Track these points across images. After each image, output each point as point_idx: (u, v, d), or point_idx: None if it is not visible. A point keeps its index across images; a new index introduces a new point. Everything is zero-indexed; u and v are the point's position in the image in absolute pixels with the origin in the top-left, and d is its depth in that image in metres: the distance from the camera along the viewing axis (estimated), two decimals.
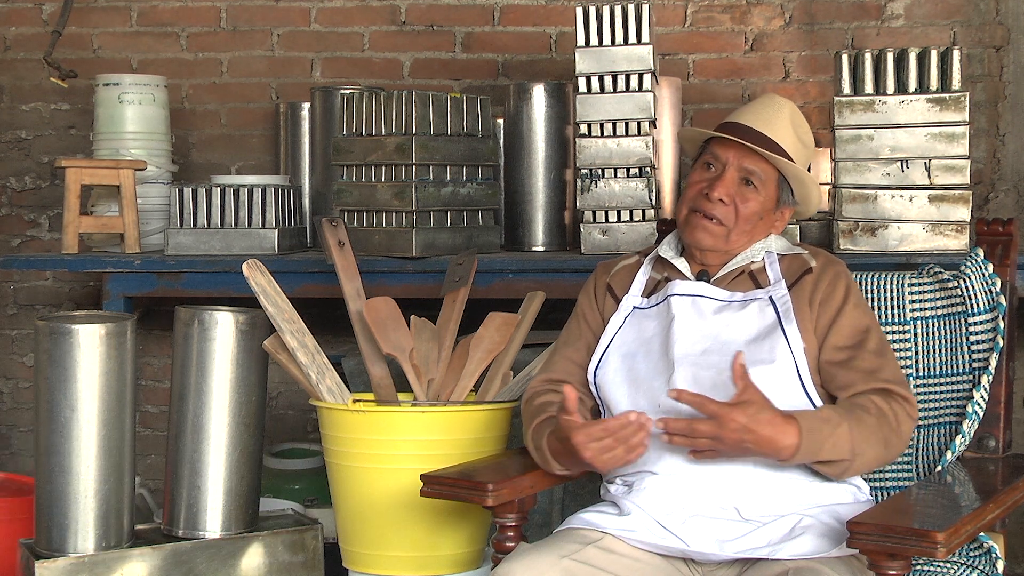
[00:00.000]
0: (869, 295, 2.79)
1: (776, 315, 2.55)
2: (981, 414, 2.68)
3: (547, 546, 2.40)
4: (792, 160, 2.64)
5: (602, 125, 3.64)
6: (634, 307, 2.69)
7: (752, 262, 2.65)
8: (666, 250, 2.72)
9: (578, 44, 3.64)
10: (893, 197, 3.50)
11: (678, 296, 2.62)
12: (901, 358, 2.75)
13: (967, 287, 2.72)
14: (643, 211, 3.64)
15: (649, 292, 2.70)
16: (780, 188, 2.66)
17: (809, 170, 2.73)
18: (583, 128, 3.66)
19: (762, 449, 2.36)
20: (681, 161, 4.02)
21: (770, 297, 2.58)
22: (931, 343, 2.76)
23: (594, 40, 3.63)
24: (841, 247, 3.51)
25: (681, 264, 2.68)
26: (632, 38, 3.61)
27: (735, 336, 2.55)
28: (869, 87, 3.53)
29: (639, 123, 3.63)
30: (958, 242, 3.47)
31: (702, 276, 2.66)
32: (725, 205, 2.61)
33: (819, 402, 2.50)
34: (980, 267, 2.73)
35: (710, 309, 2.60)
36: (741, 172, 2.62)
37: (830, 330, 2.54)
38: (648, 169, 3.64)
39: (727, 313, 2.59)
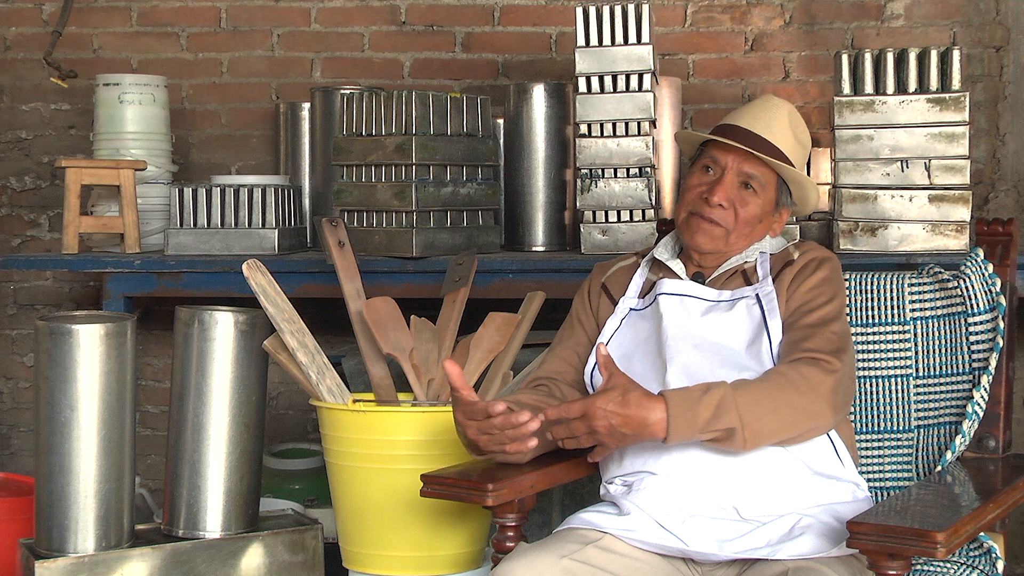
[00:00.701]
0: (869, 295, 2.79)
1: (761, 314, 2.56)
2: (981, 414, 2.68)
3: (547, 546, 2.40)
4: (791, 163, 2.64)
5: (602, 125, 3.64)
6: (630, 308, 2.69)
7: (746, 261, 2.65)
8: (661, 252, 2.72)
9: (578, 44, 3.64)
10: (893, 197, 3.50)
11: (666, 295, 2.62)
12: (901, 358, 2.75)
13: (967, 287, 2.72)
14: (643, 211, 3.64)
15: (645, 293, 2.71)
16: (779, 191, 2.66)
17: (809, 170, 2.74)
18: (583, 128, 3.66)
19: (635, 430, 2.35)
20: (681, 161, 4.02)
21: (756, 295, 2.58)
22: (931, 343, 2.76)
23: (594, 40, 3.63)
24: (841, 247, 3.51)
25: (676, 266, 2.68)
26: (632, 38, 3.61)
27: (723, 337, 2.56)
28: (869, 87, 3.53)
29: (639, 123, 3.63)
30: (958, 242, 3.48)
31: (697, 277, 2.66)
32: (725, 209, 2.61)
33: None
34: (980, 267, 2.73)
35: (698, 309, 2.60)
36: (740, 176, 2.62)
37: (787, 307, 2.56)
38: (648, 169, 3.64)
39: (715, 314, 2.59)
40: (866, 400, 2.77)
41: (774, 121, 2.64)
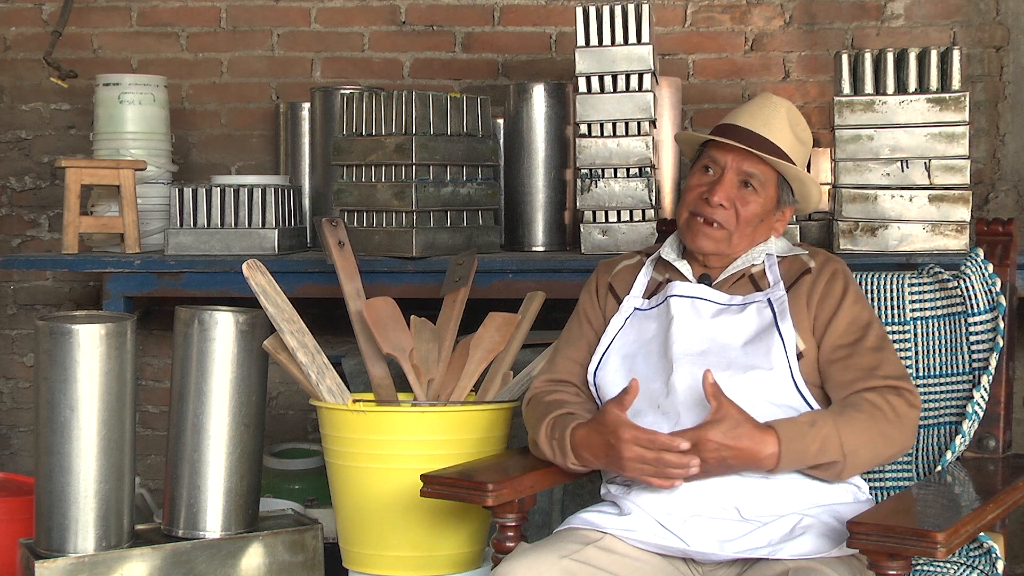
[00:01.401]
0: (869, 295, 2.79)
1: (773, 316, 2.55)
2: (981, 414, 2.68)
3: (547, 546, 2.40)
4: (791, 160, 2.64)
5: (602, 125, 3.64)
6: (635, 308, 2.69)
7: (752, 265, 2.65)
8: (668, 252, 2.72)
9: (578, 44, 3.64)
10: (893, 197, 3.50)
11: (677, 297, 2.62)
12: (901, 358, 2.75)
13: (967, 287, 2.72)
14: (643, 211, 3.64)
15: (650, 293, 2.70)
16: (780, 189, 2.66)
17: (809, 168, 2.73)
18: (583, 128, 3.66)
19: (744, 463, 2.37)
20: (681, 161, 4.02)
21: (768, 299, 2.58)
22: (931, 343, 2.76)
23: (594, 40, 3.63)
24: (841, 247, 3.51)
25: (683, 267, 2.68)
26: (632, 38, 3.61)
27: (733, 339, 2.55)
28: (869, 87, 3.53)
29: (639, 123, 3.63)
30: (958, 242, 3.47)
31: (703, 279, 2.66)
32: (725, 209, 2.61)
33: (815, 404, 2.50)
34: (980, 267, 2.73)
35: (709, 312, 2.60)
36: (740, 175, 2.62)
37: (828, 328, 2.55)
38: (648, 169, 3.64)
39: (725, 316, 2.59)
40: None
41: (773, 119, 2.64)
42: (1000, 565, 2.48)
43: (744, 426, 2.35)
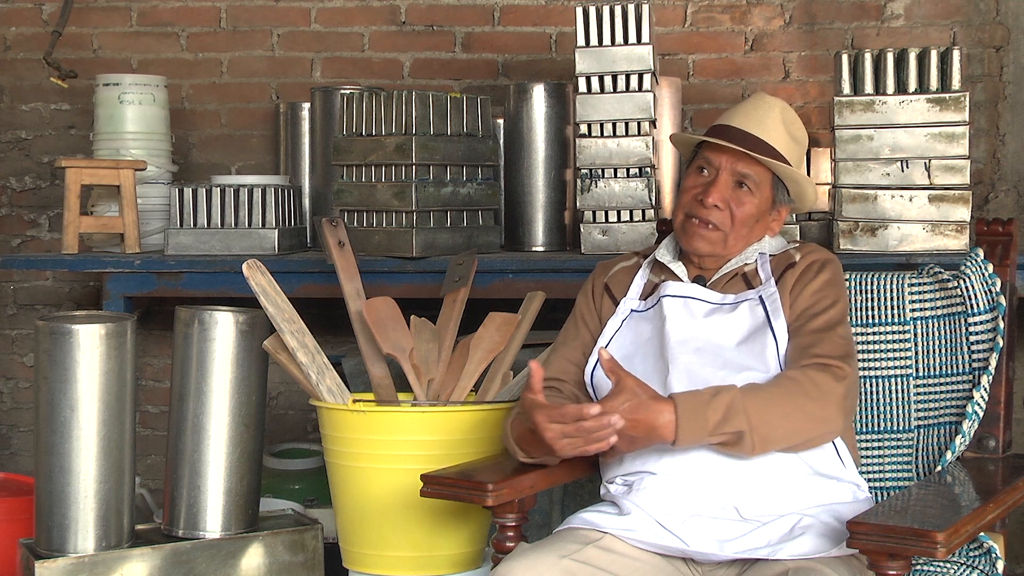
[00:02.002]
0: (869, 295, 2.79)
1: (765, 313, 2.56)
2: (981, 414, 2.68)
3: (547, 546, 2.40)
4: (786, 160, 2.64)
5: (602, 125, 3.64)
6: (632, 310, 2.69)
7: (745, 264, 2.65)
8: (663, 254, 2.72)
9: (578, 44, 3.64)
10: (893, 197, 3.50)
11: (670, 297, 2.62)
12: (901, 358, 2.75)
13: (967, 287, 2.72)
14: (643, 211, 3.64)
15: (646, 295, 2.71)
16: (775, 188, 2.66)
17: (809, 168, 2.73)
18: (583, 128, 3.66)
19: (644, 433, 2.36)
20: (681, 161, 4.01)
21: (760, 296, 2.59)
22: (931, 343, 2.76)
23: (594, 40, 3.63)
24: (841, 247, 3.51)
25: (678, 268, 2.68)
26: (632, 38, 3.61)
27: (726, 339, 2.56)
28: (869, 87, 3.53)
29: (639, 123, 3.63)
30: (958, 242, 3.47)
31: (698, 280, 2.66)
32: (720, 210, 2.61)
33: None
34: (980, 267, 2.73)
35: (701, 311, 2.60)
36: (735, 176, 2.62)
37: (791, 311, 2.55)
38: (648, 169, 3.64)
39: (718, 316, 2.59)
40: (866, 400, 2.78)
41: (766, 119, 2.64)
42: (1000, 565, 2.48)
43: (640, 397, 2.35)
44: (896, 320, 2.78)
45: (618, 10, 3.62)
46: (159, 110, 4.12)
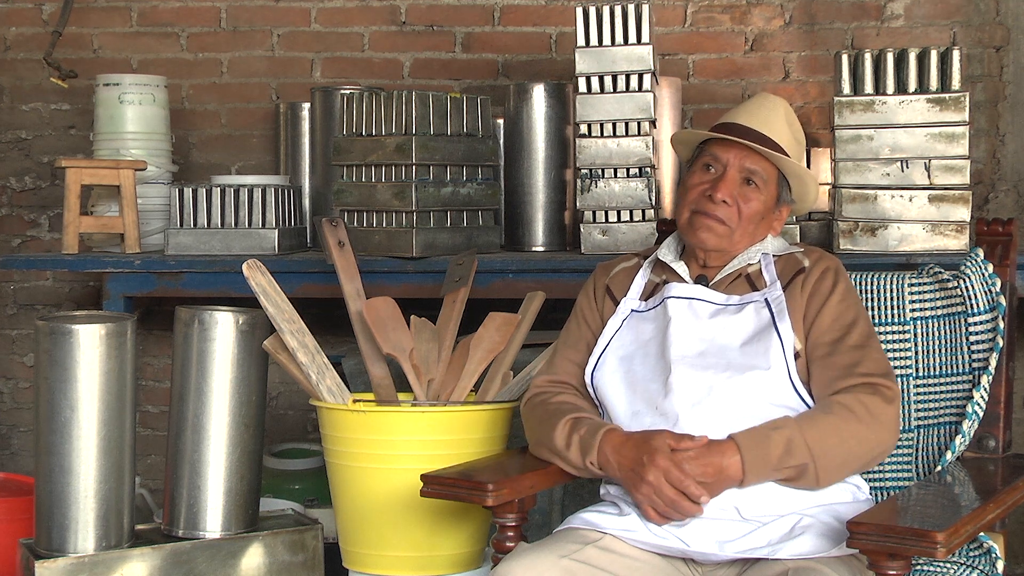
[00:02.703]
0: (869, 295, 2.79)
1: (770, 315, 2.55)
2: (981, 414, 2.68)
3: (547, 546, 2.40)
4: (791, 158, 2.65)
5: (602, 125, 3.64)
6: (632, 310, 2.69)
7: (749, 264, 2.65)
8: (665, 253, 2.72)
9: (578, 44, 3.64)
10: (893, 197, 3.50)
11: (674, 299, 2.62)
12: (901, 358, 2.75)
13: (967, 287, 2.72)
14: (643, 211, 3.64)
15: (647, 295, 2.71)
16: (779, 187, 2.67)
17: (809, 166, 2.73)
18: (583, 128, 3.66)
19: (715, 476, 2.38)
20: (681, 161, 4.02)
21: (765, 299, 2.58)
22: (931, 343, 2.76)
23: (594, 40, 3.63)
24: (841, 247, 3.51)
25: (680, 268, 2.68)
26: (632, 38, 3.61)
27: (731, 340, 2.55)
28: (869, 87, 3.53)
29: (639, 123, 3.63)
30: (958, 242, 3.47)
31: (700, 280, 2.66)
32: (728, 206, 2.61)
33: (812, 403, 2.49)
34: (980, 267, 2.73)
35: (706, 312, 2.60)
36: (743, 172, 2.62)
37: (813, 326, 2.55)
38: (648, 169, 3.64)
39: (723, 316, 2.59)
40: None
41: (772, 117, 2.65)
42: (1000, 565, 2.48)
43: (705, 447, 2.39)
44: (896, 320, 2.78)
45: (618, 10, 3.62)
46: (159, 110, 4.12)
